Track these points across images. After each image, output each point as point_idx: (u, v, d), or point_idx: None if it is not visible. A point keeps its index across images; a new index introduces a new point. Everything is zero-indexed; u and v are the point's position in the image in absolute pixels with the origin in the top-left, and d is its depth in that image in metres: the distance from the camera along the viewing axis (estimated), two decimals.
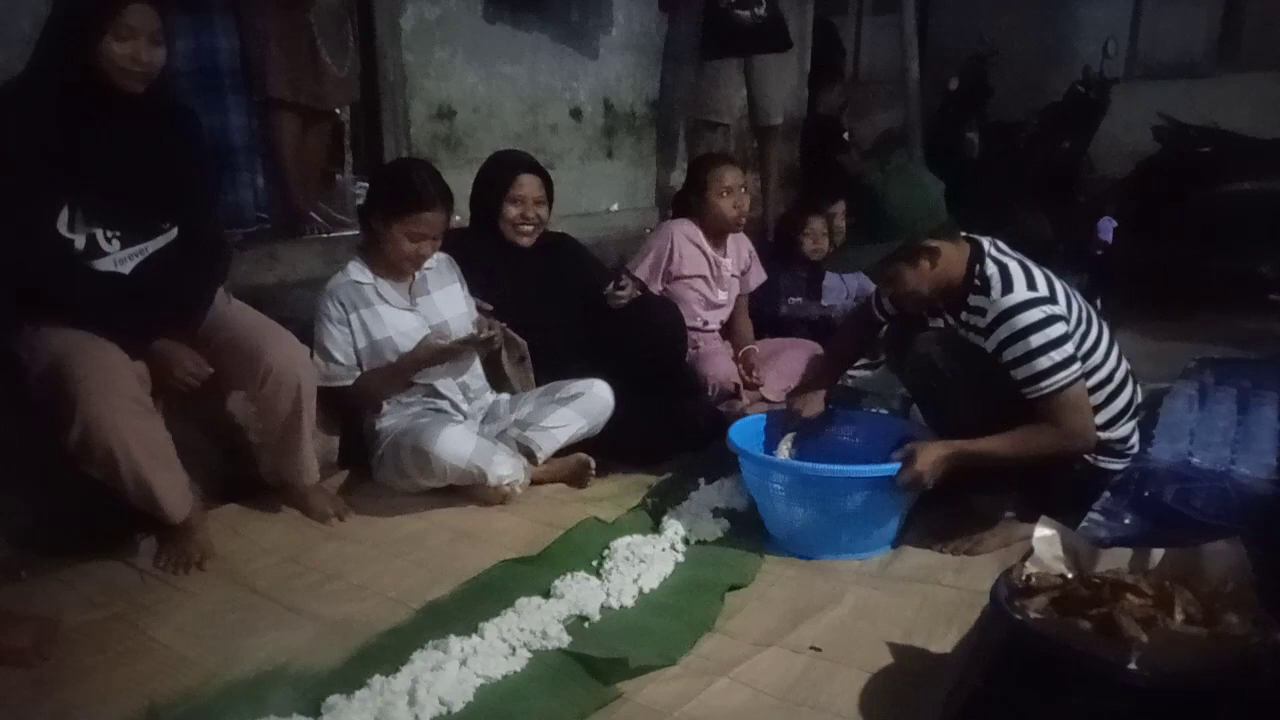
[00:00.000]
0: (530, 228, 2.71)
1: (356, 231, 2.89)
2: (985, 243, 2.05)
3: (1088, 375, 2.02)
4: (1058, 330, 1.92)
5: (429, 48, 3.60)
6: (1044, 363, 1.90)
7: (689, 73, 4.54)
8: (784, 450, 2.26)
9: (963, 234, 2.06)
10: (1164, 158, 4.66)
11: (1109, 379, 2.06)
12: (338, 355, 2.39)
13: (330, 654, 1.68)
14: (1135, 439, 2.16)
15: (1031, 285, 1.96)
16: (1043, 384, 1.91)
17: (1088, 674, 1.33)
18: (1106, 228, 4.11)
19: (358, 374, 2.42)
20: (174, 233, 2.09)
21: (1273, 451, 2.23)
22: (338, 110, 3.32)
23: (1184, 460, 2.19)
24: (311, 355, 2.32)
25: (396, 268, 2.44)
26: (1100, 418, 2.06)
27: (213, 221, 2.23)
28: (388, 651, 1.66)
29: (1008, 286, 1.95)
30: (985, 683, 1.40)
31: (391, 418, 2.47)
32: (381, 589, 1.96)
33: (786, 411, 2.33)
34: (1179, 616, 1.41)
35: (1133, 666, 1.30)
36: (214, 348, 2.11)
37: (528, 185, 2.69)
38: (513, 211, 2.68)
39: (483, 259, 2.67)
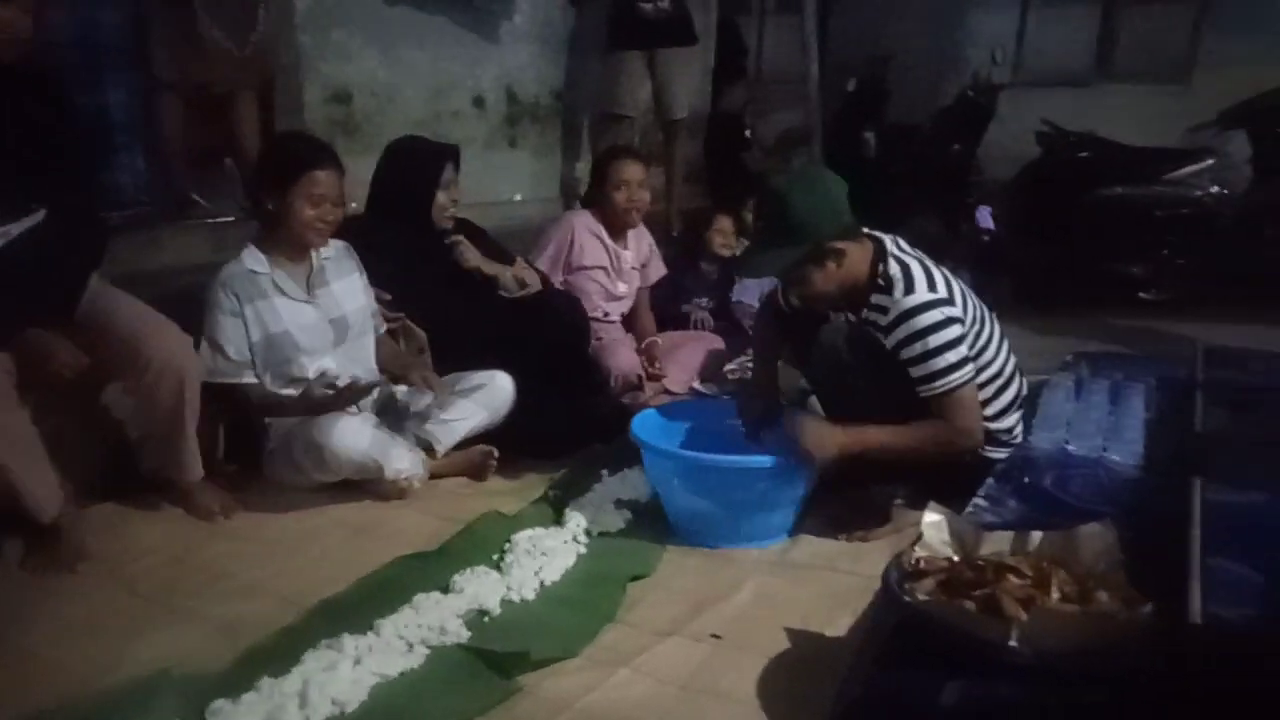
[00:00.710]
0: (448, 215, 2.70)
1: (241, 218, 2.78)
2: (887, 241, 2.11)
3: (980, 371, 2.10)
4: (954, 332, 1.99)
5: (325, 29, 3.48)
6: (939, 363, 1.97)
7: (595, 64, 4.53)
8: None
9: (865, 231, 2.11)
10: (1046, 162, 4.89)
11: (999, 374, 2.16)
12: (229, 349, 2.27)
13: (217, 657, 1.61)
14: (1019, 429, 2.27)
15: (932, 286, 2.03)
16: (937, 383, 1.98)
17: (973, 652, 1.39)
18: (984, 215, 4.28)
19: (250, 370, 2.30)
20: (42, 214, 1.96)
21: (1140, 440, 2.36)
22: (249, 91, 3.16)
23: (1061, 448, 2.30)
24: (199, 347, 2.22)
25: (300, 244, 2.32)
26: (990, 410, 2.16)
27: (86, 202, 2.11)
28: (278, 652, 1.60)
29: (909, 287, 2.02)
30: (879, 664, 1.44)
31: None
32: (273, 588, 1.89)
33: (740, 406, 2.33)
34: (1055, 595, 1.49)
35: (1013, 644, 1.37)
36: (91, 337, 2.00)
37: (452, 173, 2.69)
38: (443, 199, 2.65)
39: (393, 248, 2.60)
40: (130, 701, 1.46)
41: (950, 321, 2.00)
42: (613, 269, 3.23)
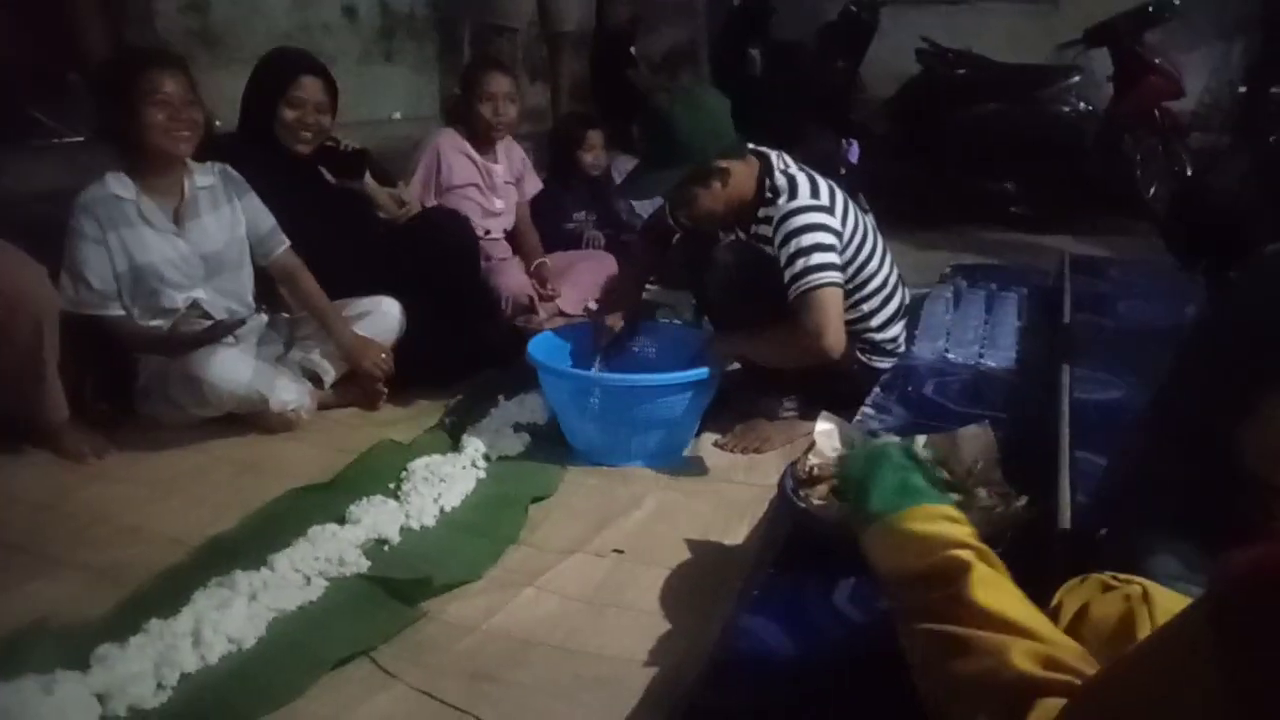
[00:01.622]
0: (309, 134, 2.48)
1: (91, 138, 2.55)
2: (773, 156, 2.11)
3: (866, 283, 2.16)
4: (827, 238, 2.01)
5: None
6: (803, 262, 1.98)
7: None
8: (596, 368, 2.26)
9: (751, 148, 2.11)
10: (924, 79, 4.99)
11: (884, 285, 2.22)
12: (92, 279, 2.11)
13: (100, 604, 1.54)
14: (902, 339, 2.35)
15: (814, 194, 2.05)
16: (800, 281, 1.99)
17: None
18: (852, 150, 4.35)
19: (116, 302, 2.15)
20: None
21: (1014, 347, 2.50)
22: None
23: (942, 356, 2.41)
24: (57, 279, 2.05)
25: (162, 159, 2.13)
26: (876, 320, 2.23)
27: None
28: (166, 594, 1.54)
29: (793, 194, 2.04)
30: (776, 568, 1.49)
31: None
32: (154, 530, 1.81)
33: (593, 330, 2.33)
34: None
35: None
36: None
37: (308, 87, 2.46)
38: (289, 115, 2.44)
39: (254, 169, 2.44)
40: (3, 654, 1.38)
41: (825, 227, 2.01)
42: (485, 185, 3.15)
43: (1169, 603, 0.85)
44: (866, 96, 5.41)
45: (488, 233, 3.16)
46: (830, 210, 2.06)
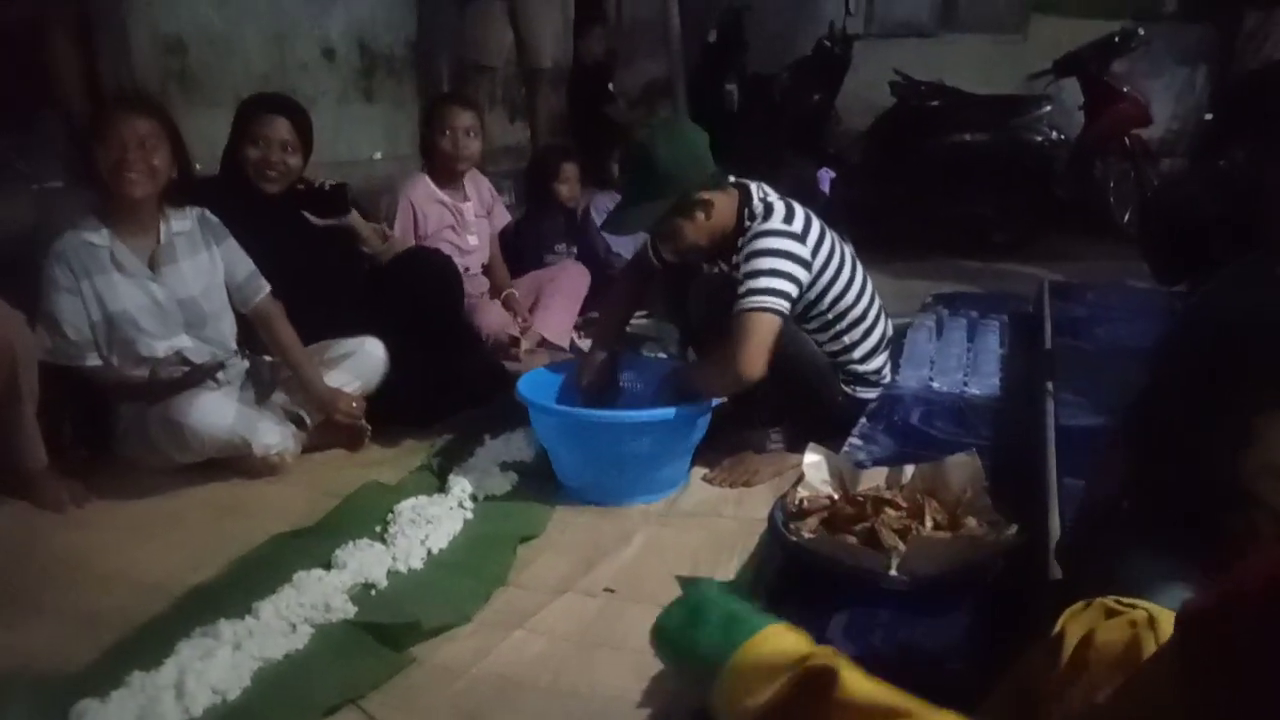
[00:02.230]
0: (275, 174, 2.46)
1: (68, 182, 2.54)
2: (753, 187, 2.13)
3: (844, 314, 2.17)
4: (786, 265, 1.99)
5: None
6: (752, 283, 1.97)
7: (450, 13, 4.36)
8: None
9: (731, 180, 2.13)
10: (899, 111, 5.06)
11: (863, 316, 2.23)
12: (67, 329, 2.08)
13: (79, 655, 1.50)
14: (886, 369, 2.36)
15: (788, 221, 2.06)
16: (744, 301, 1.97)
17: (856, 583, 1.45)
18: (824, 178, 4.40)
19: (93, 351, 2.12)
20: None
21: (996, 374, 2.51)
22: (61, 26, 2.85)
23: (926, 385, 2.42)
24: (34, 325, 2.03)
25: (127, 203, 2.10)
26: (858, 352, 2.24)
27: None
28: (147, 644, 1.50)
29: (766, 217, 2.05)
30: (767, 601, 1.48)
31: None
32: (136, 577, 1.78)
33: (579, 369, 2.32)
34: (929, 524, 1.57)
35: (893, 573, 1.44)
36: None
37: (272, 126, 2.44)
38: (254, 154, 2.43)
39: (231, 212, 2.42)
40: None
41: (787, 254, 2.00)
42: (458, 225, 3.15)
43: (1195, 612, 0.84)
44: (843, 129, 5.49)
45: (466, 270, 3.16)
46: (801, 239, 2.06)
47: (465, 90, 4.22)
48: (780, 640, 0.84)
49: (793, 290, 2.01)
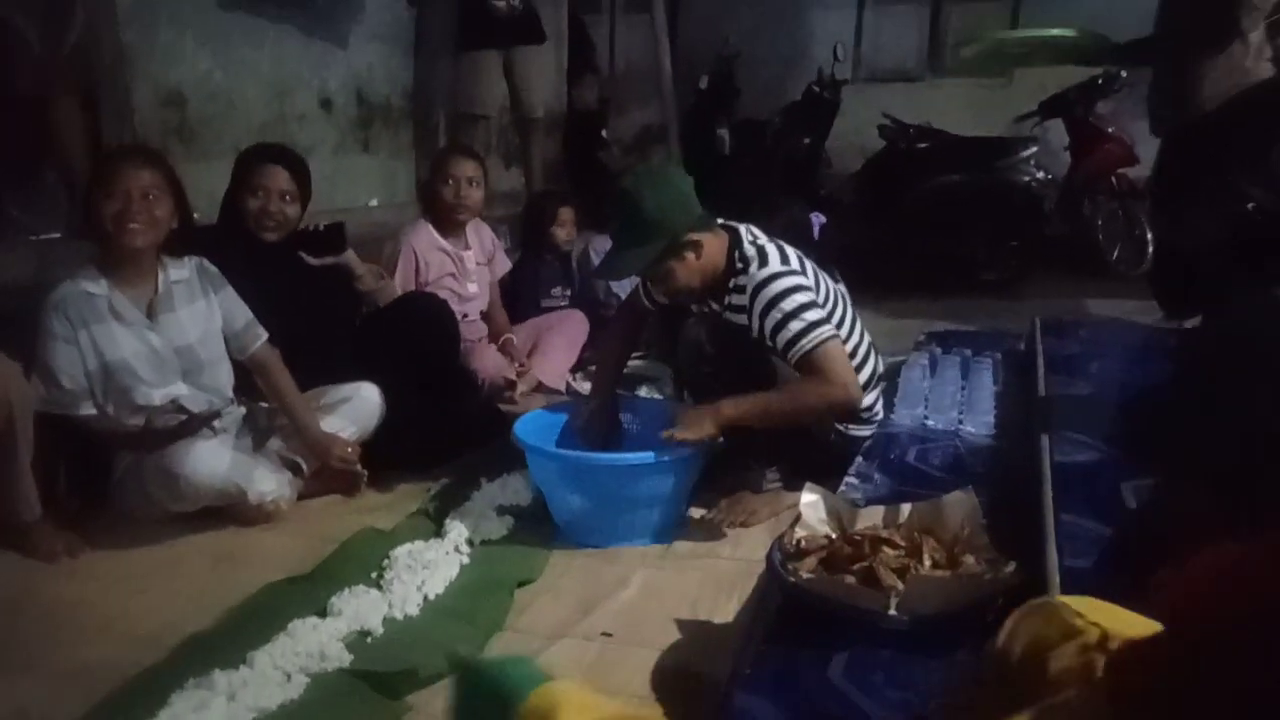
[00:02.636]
0: (273, 223, 2.49)
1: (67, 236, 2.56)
2: (742, 229, 2.17)
3: None
4: (806, 296, 2.05)
5: (152, 28, 3.27)
6: (798, 324, 2.02)
7: (444, 64, 4.44)
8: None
9: (720, 222, 2.16)
10: (889, 153, 5.14)
11: (854, 353, 2.24)
12: (63, 379, 2.08)
13: (71, 707, 1.48)
14: (879, 407, 2.37)
15: (784, 261, 2.11)
16: (802, 342, 2.02)
17: (855, 623, 1.44)
18: (815, 223, 4.45)
19: (88, 401, 2.12)
20: None
21: (991, 411, 2.52)
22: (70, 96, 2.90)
23: (921, 423, 2.42)
24: (30, 375, 2.03)
25: (127, 253, 2.12)
26: None
27: None
28: (140, 696, 1.49)
29: (763, 262, 2.08)
30: (768, 643, 1.47)
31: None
32: (127, 628, 1.76)
33: (574, 412, 2.33)
34: (928, 563, 1.56)
35: (892, 612, 1.43)
36: None
37: (271, 175, 2.48)
38: (252, 204, 2.47)
39: (230, 260, 2.45)
40: None
41: (801, 288, 2.06)
42: (459, 273, 3.18)
43: (1123, 645, 0.83)
44: (834, 171, 5.56)
45: (465, 316, 3.18)
46: (801, 274, 2.11)
47: (462, 139, 4.28)
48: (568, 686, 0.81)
49: (823, 314, 2.06)
